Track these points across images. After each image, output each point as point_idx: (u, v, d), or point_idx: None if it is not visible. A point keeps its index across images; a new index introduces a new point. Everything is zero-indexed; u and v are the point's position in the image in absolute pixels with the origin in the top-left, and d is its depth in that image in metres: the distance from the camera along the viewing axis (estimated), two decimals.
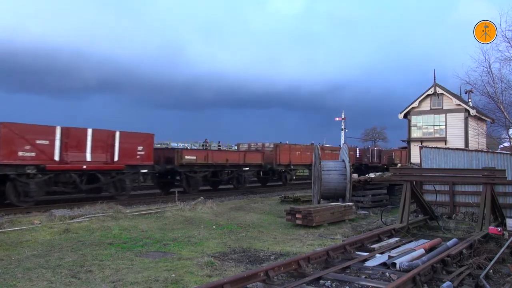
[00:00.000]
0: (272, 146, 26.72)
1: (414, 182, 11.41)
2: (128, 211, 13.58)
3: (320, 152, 17.14)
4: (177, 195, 16.62)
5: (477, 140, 25.83)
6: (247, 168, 24.72)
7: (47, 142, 14.95)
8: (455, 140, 26.93)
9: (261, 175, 27.96)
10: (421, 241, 9.21)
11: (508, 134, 21.05)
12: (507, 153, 13.50)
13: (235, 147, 32.16)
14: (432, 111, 28.50)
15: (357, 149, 39.75)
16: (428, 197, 13.27)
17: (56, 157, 15.19)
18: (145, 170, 18.68)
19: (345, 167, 15.84)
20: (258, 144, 27.40)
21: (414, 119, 29.25)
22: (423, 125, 29.01)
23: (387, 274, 6.63)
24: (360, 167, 36.14)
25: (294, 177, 29.67)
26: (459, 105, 27.57)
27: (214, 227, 11.71)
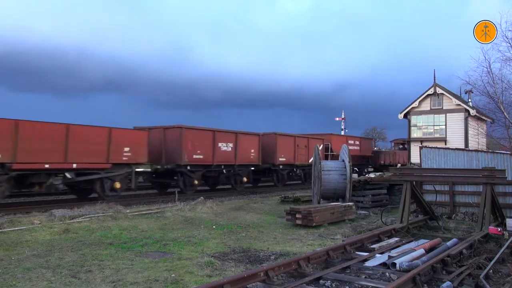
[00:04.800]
0: None
1: (414, 182, 11.41)
2: (128, 211, 13.58)
3: (320, 152, 17.12)
4: (177, 195, 16.64)
5: (477, 140, 25.83)
6: None
7: None
8: (455, 140, 26.95)
9: None
10: (421, 241, 9.20)
11: (508, 135, 21.05)
12: (507, 153, 13.51)
13: None
14: (432, 111, 28.52)
15: None
16: (428, 197, 13.27)
17: None
18: None
19: (345, 167, 15.84)
20: None
21: (414, 119, 29.26)
22: (423, 125, 29.03)
23: (387, 274, 6.63)
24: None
25: None
26: (459, 105, 27.58)
27: (214, 227, 11.71)
